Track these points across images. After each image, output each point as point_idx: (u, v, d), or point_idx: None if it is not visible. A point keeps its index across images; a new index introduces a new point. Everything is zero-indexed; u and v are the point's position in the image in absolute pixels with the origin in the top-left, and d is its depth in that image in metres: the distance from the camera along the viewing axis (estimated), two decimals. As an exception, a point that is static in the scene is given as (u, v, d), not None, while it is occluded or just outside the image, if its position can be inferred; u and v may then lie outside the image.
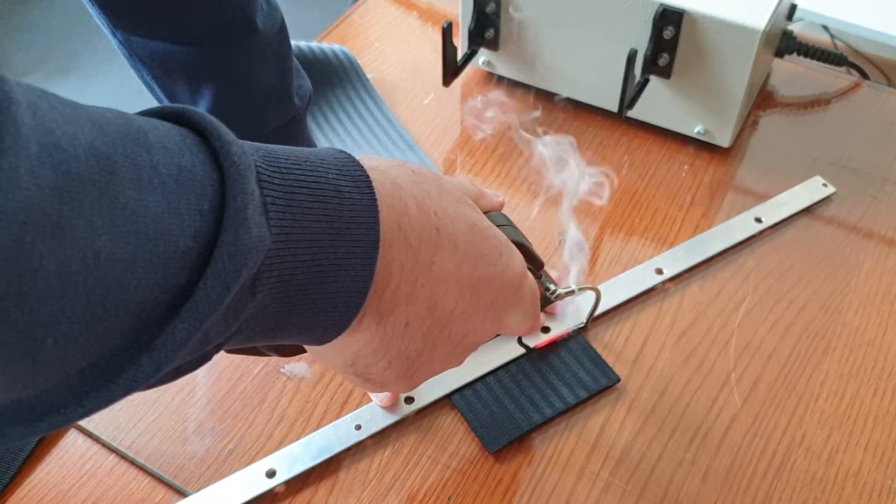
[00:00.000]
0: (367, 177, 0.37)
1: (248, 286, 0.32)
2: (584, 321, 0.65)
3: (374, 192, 0.37)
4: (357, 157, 0.38)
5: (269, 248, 0.32)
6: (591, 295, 0.66)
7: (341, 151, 0.38)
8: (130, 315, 0.29)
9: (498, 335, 0.51)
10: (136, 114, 0.32)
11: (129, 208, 0.28)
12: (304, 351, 0.45)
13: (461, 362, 0.48)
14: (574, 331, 0.66)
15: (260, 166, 0.33)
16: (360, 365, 0.42)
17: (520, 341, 0.64)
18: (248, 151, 0.33)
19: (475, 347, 0.48)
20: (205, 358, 0.34)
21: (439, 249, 0.41)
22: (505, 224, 0.51)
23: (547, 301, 0.58)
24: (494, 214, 0.51)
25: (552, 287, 0.58)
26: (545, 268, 0.58)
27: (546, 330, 0.66)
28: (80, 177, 0.26)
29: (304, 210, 0.34)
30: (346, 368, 0.43)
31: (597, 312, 0.66)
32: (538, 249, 0.67)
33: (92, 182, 0.27)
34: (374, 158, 0.41)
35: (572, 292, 0.60)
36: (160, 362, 0.30)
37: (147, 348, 0.30)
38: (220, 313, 0.31)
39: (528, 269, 0.52)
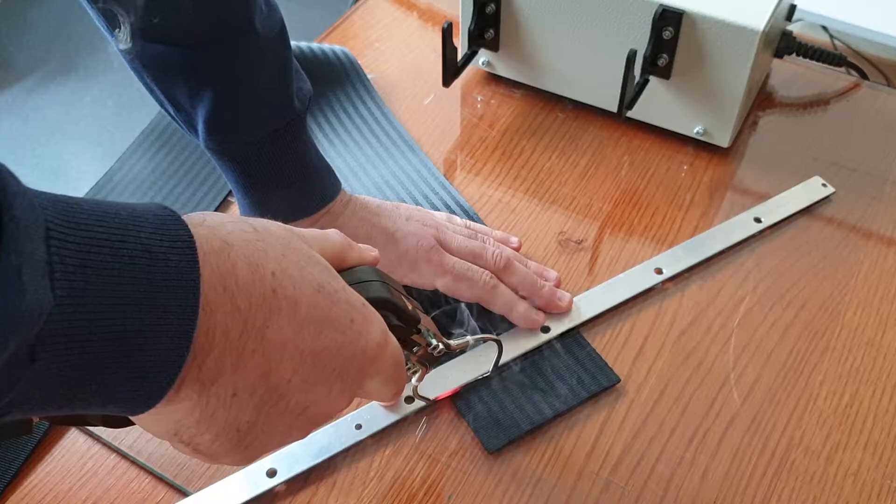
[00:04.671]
0: (189, 235, 0.34)
1: (25, 353, 0.29)
2: (490, 370, 0.62)
3: (195, 253, 0.34)
4: (186, 215, 0.36)
5: (53, 313, 0.29)
6: (591, 295, 0.66)
7: (164, 208, 0.35)
8: None
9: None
10: None
11: None
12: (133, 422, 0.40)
13: (306, 435, 0.44)
14: (480, 377, 0.63)
15: (52, 222, 0.30)
16: (185, 435, 0.39)
17: (416, 394, 0.60)
18: (37, 206, 0.30)
19: (324, 420, 0.44)
20: None
21: (275, 313, 0.38)
22: (372, 280, 0.46)
23: (432, 357, 0.53)
24: (363, 269, 0.47)
25: (434, 342, 0.52)
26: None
27: (546, 330, 0.66)
28: None
29: (102, 271, 0.31)
30: (170, 438, 0.39)
31: (592, 315, 0.67)
32: (537, 250, 0.67)
33: None
34: (203, 214, 0.38)
35: (467, 344, 0.56)
36: None
37: None
38: None
39: (400, 327, 0.48)
